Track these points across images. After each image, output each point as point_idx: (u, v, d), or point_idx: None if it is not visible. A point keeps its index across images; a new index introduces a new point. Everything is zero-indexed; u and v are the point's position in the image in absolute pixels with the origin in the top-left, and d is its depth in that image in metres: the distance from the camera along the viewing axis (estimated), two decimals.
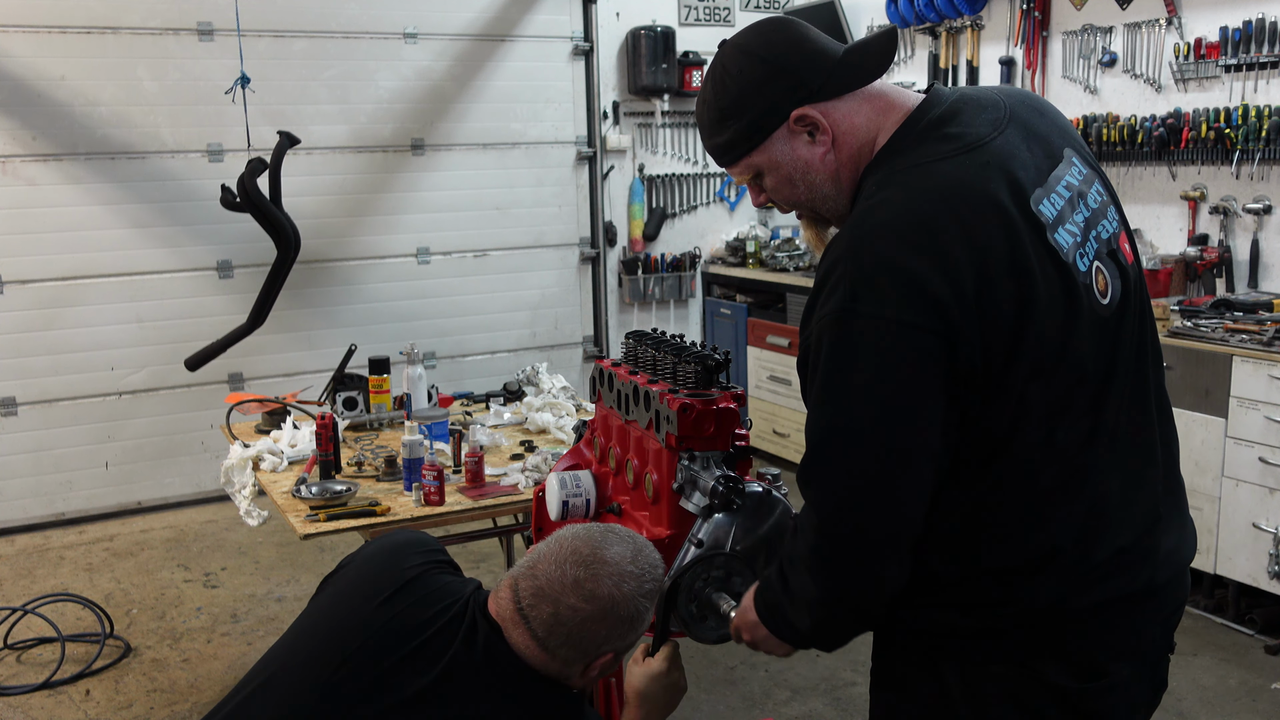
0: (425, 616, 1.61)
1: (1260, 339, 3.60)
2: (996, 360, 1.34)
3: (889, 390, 1.32)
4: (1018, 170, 1.39)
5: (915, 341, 1.30)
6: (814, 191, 1.51)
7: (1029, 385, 1.36)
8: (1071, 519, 1.41)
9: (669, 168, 6.21)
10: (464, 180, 5.66)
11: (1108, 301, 1.43)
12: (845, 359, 1.34)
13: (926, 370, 1.31)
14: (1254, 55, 4.09)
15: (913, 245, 1.32)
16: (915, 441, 1.34)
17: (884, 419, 1.33)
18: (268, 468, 3.06)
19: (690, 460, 1.78)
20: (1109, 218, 1.50)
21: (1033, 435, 1.38)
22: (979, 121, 1.43)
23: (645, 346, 2.01)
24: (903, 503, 1.35)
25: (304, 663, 1.63)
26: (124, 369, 5.07)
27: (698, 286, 6.32)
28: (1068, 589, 1.40)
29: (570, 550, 1.62)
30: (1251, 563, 3.63)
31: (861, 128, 1.47)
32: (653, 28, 5.87)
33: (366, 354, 3.64)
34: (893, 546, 1.37)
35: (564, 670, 1.62)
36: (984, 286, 1.31)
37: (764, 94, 1.47)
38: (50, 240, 4.87)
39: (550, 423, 3.34)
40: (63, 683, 3.49)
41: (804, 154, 1.48)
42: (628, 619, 1.62)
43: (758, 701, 3.34)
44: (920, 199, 1.35)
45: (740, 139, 1.51)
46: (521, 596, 1.60)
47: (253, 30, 5.03)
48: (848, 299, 1.33)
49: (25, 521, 4.98)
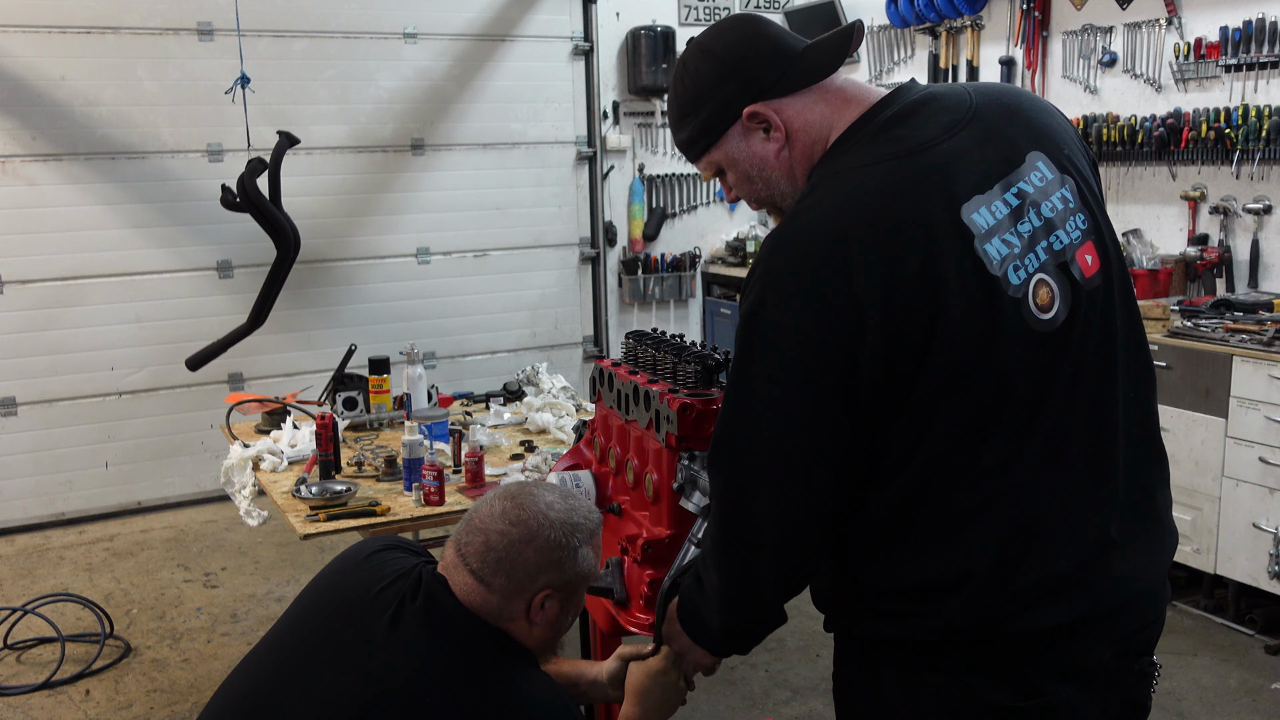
0: (374, 578, 1.66)
1: (1260, 339, 3.60)
2: (902, 374, 1.32)
3: (783, 394, 1.34)
4: (957, 176, 1.36)
5: (812, 350, 1.32)
6: (771, 188, 1.53)
7: (940, 401, 1.33)
8: (990, 541, 1.36)
9: (669, 168, 6.21)
10: (464, 180, 5.66)
11: (1049, 317, 1.37)
12: (747, 359, 1.38)
13: (822, 379, 1.32)
14: (1254, 55, 4.09)
15: (821, 255, 1.32)
16: (806, 447, 1.35)
17: (776, 422, 1.35)
18: (268, 468, 3.06)
19: (690, 460, 1.78)
20: (1068, 227, 1.42)
21: (946, 452, 1.35)
22: (932, 124, 1.41)
23: (645, 346, 2.01)
24: (793, 504, 1.37)
25: (270, 643, 1.69)
26: (124, 369, 5.07)
27: (698, 286, 6.32)
28: (991, 613, 1.37)
29: (501, 491, 1.68)
30: (1251, 563, 3.62)
31: (815, 124, 1.47)
32: (653, 28, 5.87)
33: (366, 354, 3.64)
34: (785, 544, 1.40)
35: (505, 607, 1.61)
36: (890, 300, 1.30)
37: (717, 91, 1.48)
38: (50, 240, 4.87)
39: (550, 423, 3.34)
40: (63, 683, 3.49)
41: (759, 150, 1.50)
42: (557, 545, 1.62)
43: (758, 701, 3.34)
44: (840, 206, 1.35)
45: (699, 135, 1.52)
46: (458, 539, 1.64)
47: (253, 30, 5.03)
48: (756, 301, 1.36)
49: (25, 521, 4.98)
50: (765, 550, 1.41)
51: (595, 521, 1.69)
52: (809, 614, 4.16)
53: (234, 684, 1.67)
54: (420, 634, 1.57)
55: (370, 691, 1.52)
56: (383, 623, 1.58)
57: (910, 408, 1.34)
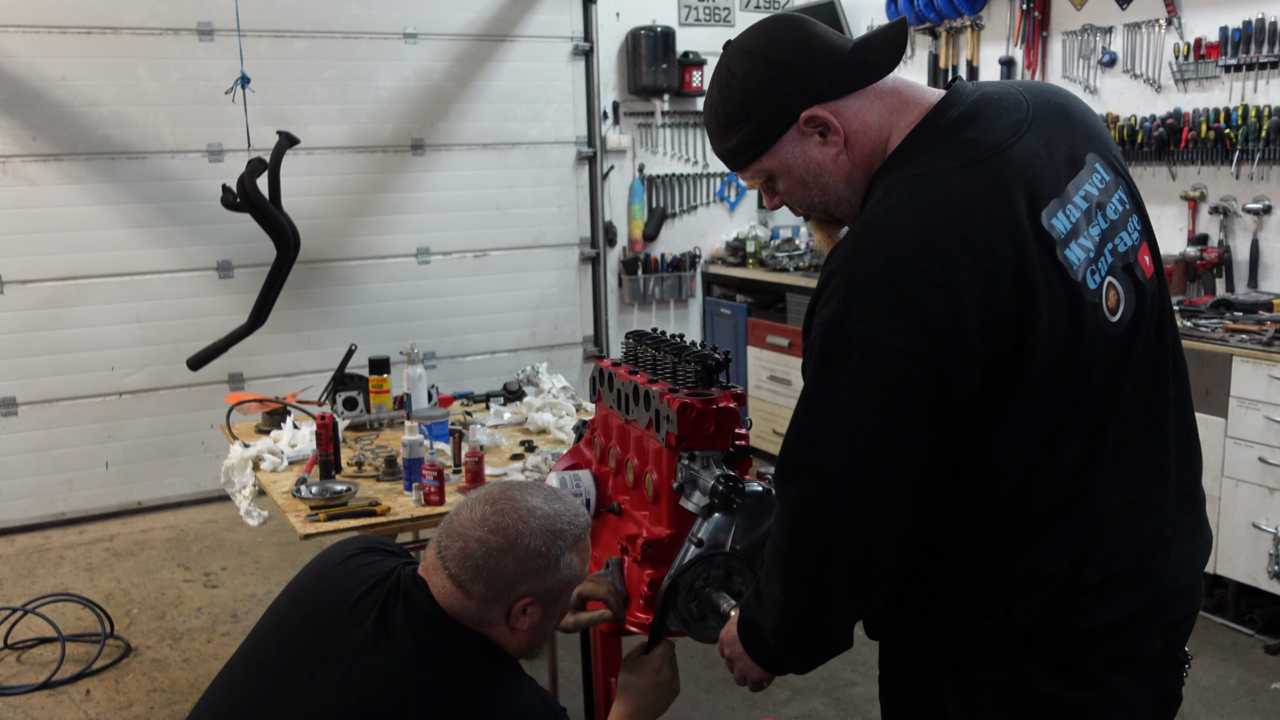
0: (353, 583, 1.63)
1: (1260, 339, 3.60)
2: (995, 384, 1.30)
3: (868, 413, 1.29)
4: (1034, 181, 1.33)
5: (903, 367, 1.26)
6: (827, 194, 1.46)
7: (1029, 409, 1.32)
8: (1066, 542, 1.37)
9: (669, 168, 6.21)
10: (464, 180, 5.66)
11: (1117, 319, 1.38)
12: (829, 372, 1.31)
13: (911, 398, 1.27)
14: (1254, 55, 4.10)
15: (913, 264, 1.27)
16: (888, 467, 1.30)
17: (858, 437, 1.30)
18: (268, 468, 3.05)
19: (690, 460, 1.78)
20: (1129, 229, 1.43)
21: (1031, 457, 1.34)
22: (998, 126, 1.37)
23: (645, 346, 2.01)
24: (871, 522, 1.32)
25: (249, 652, 1.67)
26: (124, 369, 5.07)
27: (698, 286, 6.32)
28: (1058, 611, 1.37)
29: (484, 494, 1.64)
30: (1251, 563, 3.63)
31: (874, 126, 1.42)
32: (653, 28, 5.87)
33: (366, 354, 3.64)
34: (860, 564, 1.34)
35: (484, 613, 1.58)
36: (987, 309, 1.27)
37: (771, 96, 1.41)
38: (50, 240, 4.87)
39: (550, 423, 3.34)
40: (63, 683, 3.49)
41: (816, 156, 1.43)
42: (537, 555, 1.58)
43: (758, 702, 3.34)
44: (926, 213, 1.30)
45: (749, 143, 1.45)
46: (439, 541, 1.61)
47: (253, 30, 5.03)
48: (840, 312, 1.29)
49: (25, 521, 4.98)
50: (838, 569, 1.35)
51: (581, 526, 1.65)
52: None
53: (216, 696, 1.64)
54: (401, 642, 1.54)
55: (350, 703, 1.49)
56: (363, 631, 1.55)
57: (1000, 418, 1.32)
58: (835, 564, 1.34)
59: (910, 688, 1.50)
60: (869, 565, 1.34)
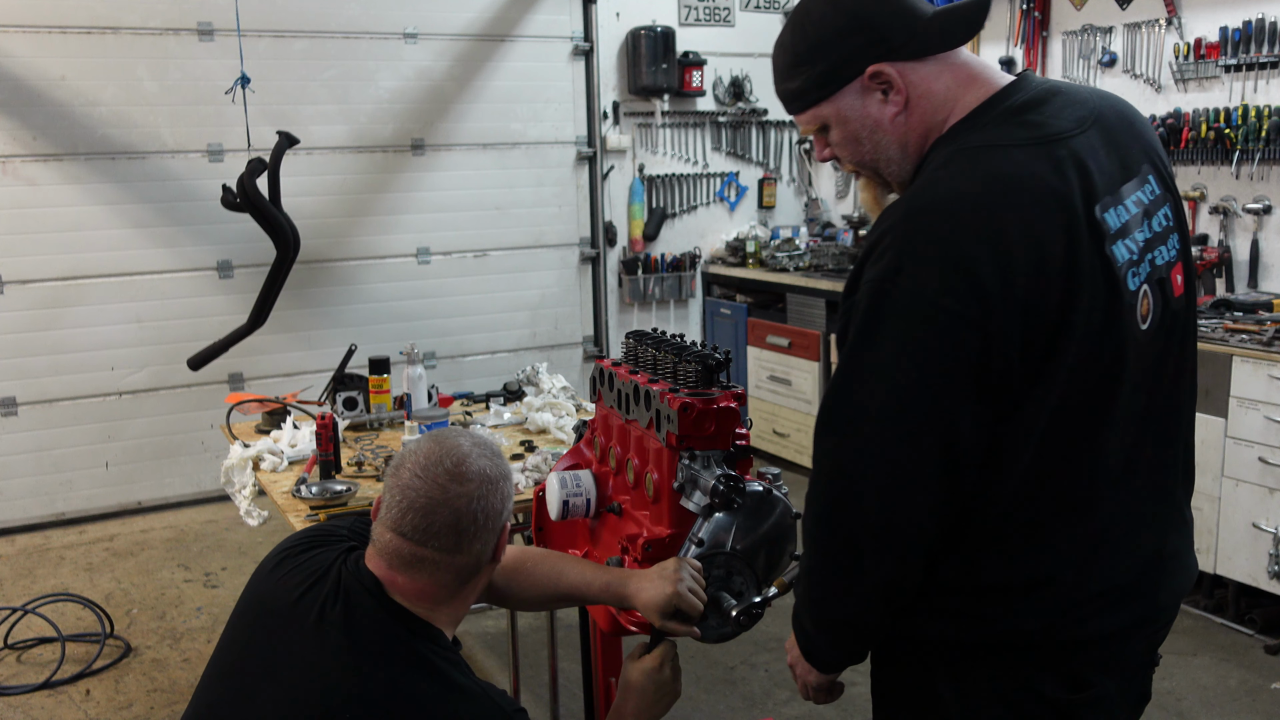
0: (292, 583, 1.57)
1: (1260, 339, 3.60)
2: (1032, 359, 1.29)
3: (912, 367, 1.28)
4: (1091, 173, 1.34)
5: (950, 327, 1.26)
6: (879, 152, 1.45)
7: (1057, 396, 1.32)
8: (1074, 547, 1.37)
9: (669, 168, 6.21)
10: (464, 180, 5.66)
11: (1145, 328, 1.38)
12: (873, 327, 1.31)
13: (956, 359, 1.27)
14: (1254, 55, 4.10)
15: (969, 227, 1.27)
16: (928, 426, 1.29)
17: (900, 395, 1.29)
18: (268, 468, 3.05)
19: (691, 459, 1.78)
20: (1169, 244, 1.44)
21: (1054, 451, 1.34)
22: (1064, 116, 1.37)
23: (645, 346, 2.01)
24: (904, 486, 1.31)
25: (213, 659, 1.63)
26: (124, 369, 5.07)
27: (698, 286, 6.32)
28: (1060, 615, 1.38)
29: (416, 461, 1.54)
30: (1251, 563, 3.63)
31: (939, 95, 1.41)
32: (653, 28, 5.87)
33: (366, 354, 3.64)
34: (889, 526, 1.33)
35: (472, 568, 1.54)
36: (1034, 284, 1.27)
37: (842, 44, 1.41)
38: (50, 240, 4.87)
39: (550, 423, 3.34)
40: (63, 683, 3.49)
41: (874, 112, 1.43)
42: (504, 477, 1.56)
43: (758, 701, 3.34)
44: (986, 181, 1.30)
45: (812, 87, 1.44)
46: (401, 531, 1.52)
47: (253, 30, 5.03)
48: (890, 269, 1.29)
49: (25, 521, 4.98)
50: (870, 528, 1.33)
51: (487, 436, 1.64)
52: None
53: (191, 705, 1.61)
54: (340, 644, 1.48)
55: (295, 711, 1.45)
56: (302, 636, 1.50)
57: (1025, 405, 1.32)
58: (867, 523, 1.33)
59: (905, 688, 1.50)
60: (901, 527, 1.33)
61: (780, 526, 1.80)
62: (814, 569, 1.42)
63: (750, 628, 1.78)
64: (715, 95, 6.24)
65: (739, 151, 6.38)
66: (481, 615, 3.94)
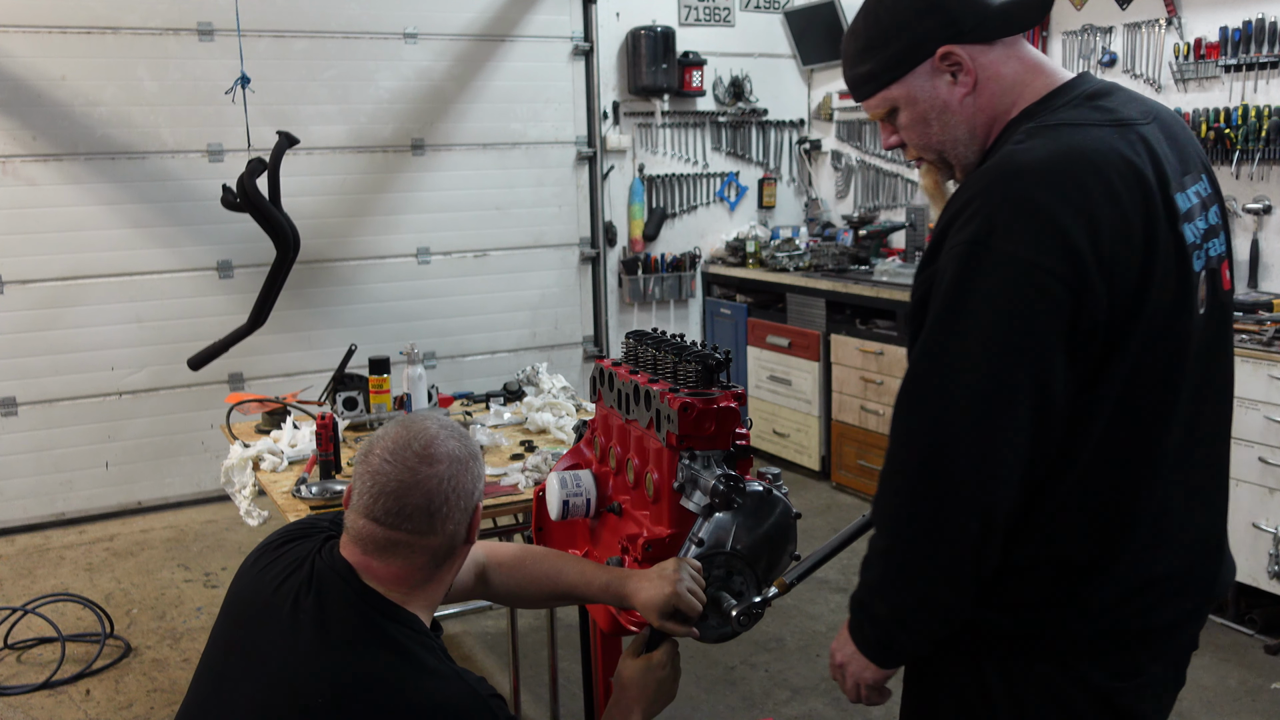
0: (270, 576, 1.57)
1: (1260, 339, 3.60)
2: (1114, 327, 1.31)
3: (1005, 332, 1.28)
4: (1162, 158, 1.38)
5: (1043, 287, 1.27)
6: (946, 134, 1.48)
7: (1134, 367, 1.34)
8: (1136, 530, 1.38)
9: (669, 168, 6.21)
10: (464, 180, 5.66)
11: (1202, 313, 1.42)
12: (966, 291, 1.31)
13: (1049, 319, 1.28)
14: (1254, 55, 4.10)
15: (1059, 190, 1.29)
16: (1022, 391, 1.28)
17: (992, 358, 1.29)
18: (268, 468, 3.05)
19: (691, 459, 1.78)
20: (1219, 239, 1.49)
21: (1122, 428, 1.35)
22: (1130, 106, 1.43)
23: (645, 346, 2.01)
24: (995, 456, 1.29)
25: (200, 665, 1.62)
26: (124, 369, 5.07)
27: (698, 286, 6.32)
28: (1120, 607, 1.39)
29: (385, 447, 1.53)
30: (1251, 563, 3.63)
31: (1007, 79, 1.45)
32: (653, 28, 5.87)
33: (366, 354, 3.64)
34: (978, 499, 1.31)
35: (447, 550, 1.53)
36: (1117, 254, 1.29)
37: (914, 26, 1.45)
38: (50, 240, 4.87)
39: (550, 423, 3.34)
40: (63, 683, 3.49)
41: (944, 94, 1.46)
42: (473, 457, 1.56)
43: (758, 701, 3.34)
44: (1069, 152, 1.33)
45: (882, 70, 1.48)
46: (374, 515, 1.51)
47: (253, 30, 5.03)
48: (982, 232, 1.30)
49: (25, 521, 4.98)
50: (958, 501, 1.31)
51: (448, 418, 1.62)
52: (809, 614, 4.17)
53: (183, 708, 1.62)
54: (312, 633, 1.48)
55: (272, 704, 1.45)
56: (280, 625, 1.50)
57: (1105, 372, 1.33)
58: (955, 491, 1.32)
59: (950, 678, 1.49)
60: (990, 493, 1.31)
61: (780, 526, 1.80)
62: (892, 547, 1.39)
63: (750, 628, 1.78)
64: (715, 95, 6.24)
65: (739, 151, 6.38)
66: (481, 615, 3.93)
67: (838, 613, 3.89)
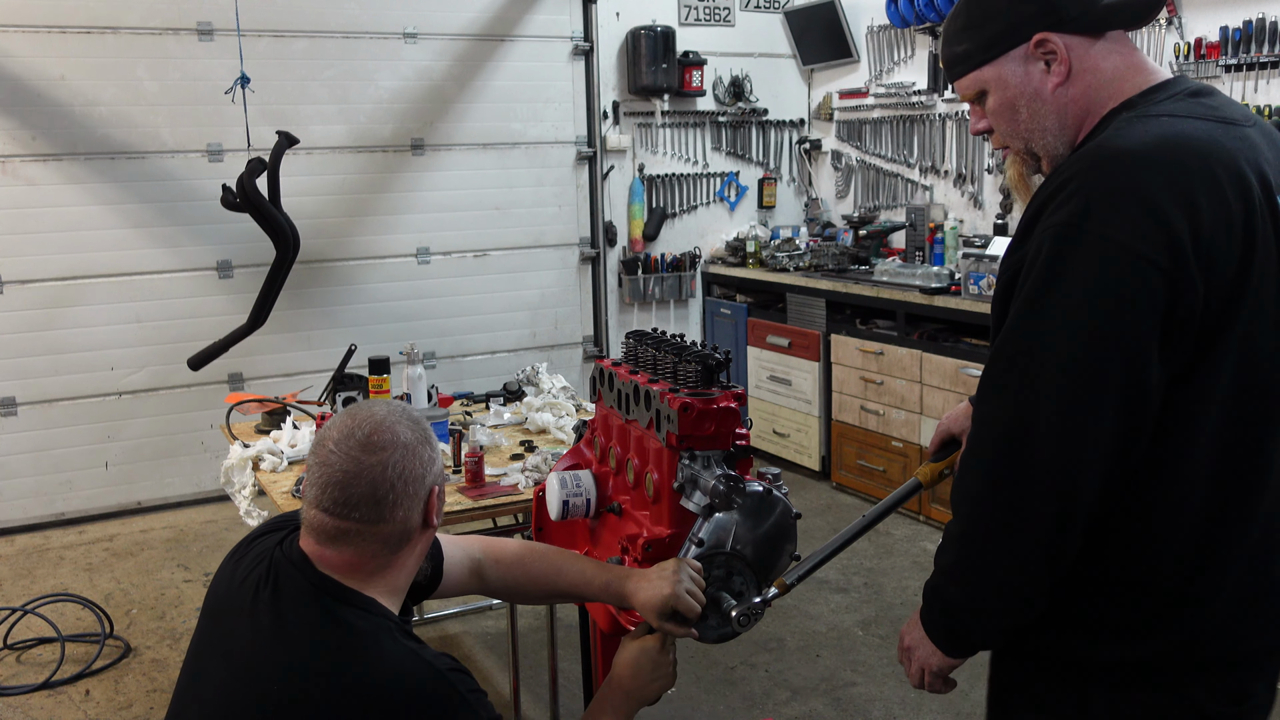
0: (239, 571, 1.59)
1: None
2: (1210, 319, 1.28)
3: (1097, 316, 1.26)
4: (1263, 161, 1.36)
5: (1139, 273, 1.24)
6: (1035, 123, 1.46)
7: (1237, 366, 1.30)
8: (1247, 541, 1.34)
9: (669, 168, 6.21)
10: (464, 180, 5.66)
11: None
12: (1060, 273, 1.28)
13: (1144, 306, 1.25)
14: (1254, 55, 4.10)
15: (1160, 176, 1.27)
16: (1111, 377, 1.26)
17: (1082, 346, 1.26)
18: (268, 468, 3.05)
19: (691, 459, 1.78)
20: None
21: (1230, 431, 1.32)
22: (1232, 108, 1.41)
23: (645, 346, 2.01)
24: (1081, 442, 1.27)
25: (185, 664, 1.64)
26: (124, 369, 5.07)
27: (698, 286, 6.32)
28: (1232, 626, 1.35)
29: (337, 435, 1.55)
30: None
31: (1105, 73, 1.43)
32: (653, 28, 5.87)
33: (366, 354, 3.64)
34: (1061, 485, 1.28)
35: (402, 534, 1.53)
36: (1217, 239, 1.26)
37: (1014, 10, 1.43)
38: (50, 240, 4.87)
39: (550, 423, 3.34)
40: (63, 683, 3.49)
41: (1035, 81, 1.44)
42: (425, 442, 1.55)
43: (758, 701, 3.34)
44: (1172, 140, 1.31)
45: (976, 50, 1.46)
46: (322, 506, 1.52)
47: (253, 30, 5.03)
48: (1079, 214, 1.28)
49: (25, 521, 4.98)
50: (1040, 488, 1.29)
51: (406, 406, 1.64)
52: (809, 614, 4.16)
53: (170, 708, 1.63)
54: (268, 622, 1.49)
55: (226, 692, 1.47)
56: (243, 617, 1.52)
57: (1204, 367, 1.30)
58: (1037, 476, 1.29)
59: (1051, 703, 1.44)
60: (1073, 478, 1.28)
61: (780, 526, 1.79)
62: (968, 532, 1.37)
63: (750, 628, 1.78)
64: (715, 95, 6.24)
65: (739, 151, 6.38)
66: (481, 615, 3.93)
67: (838, 613, 3.90)
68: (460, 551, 1.87)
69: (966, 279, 4.56)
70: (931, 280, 4.75)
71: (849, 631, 3.76)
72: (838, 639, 3.71)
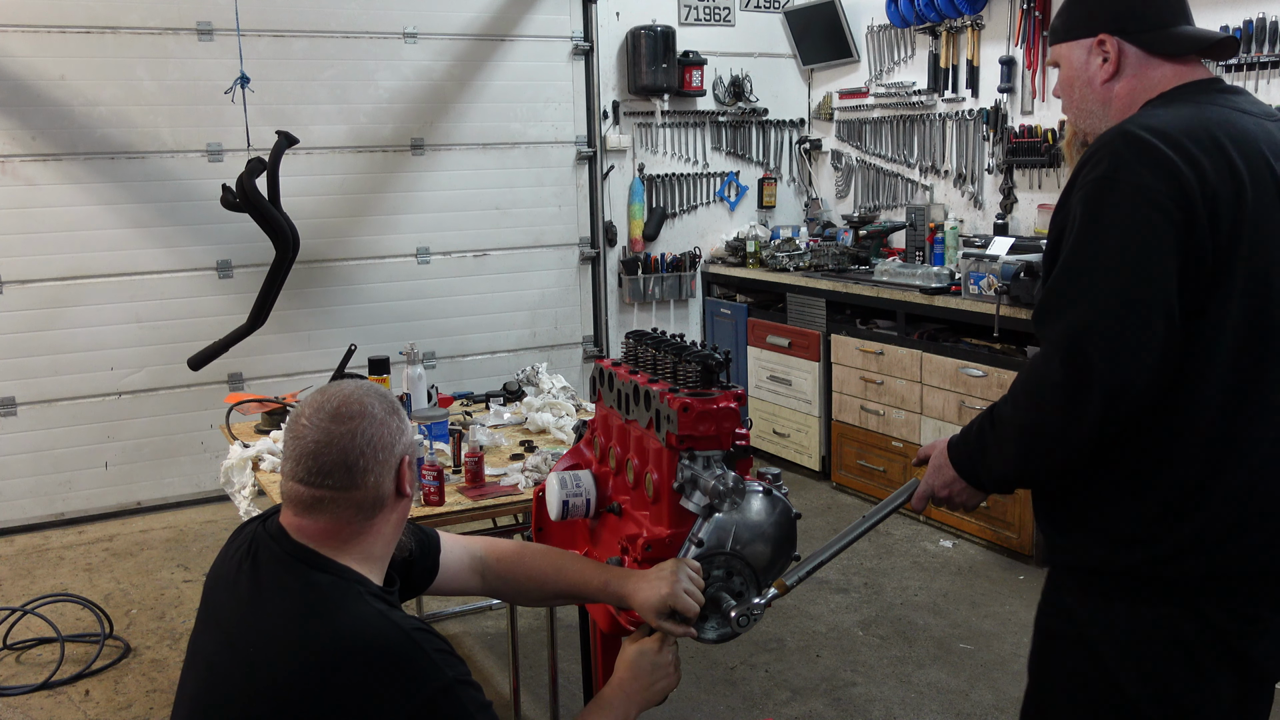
0: (229, 556, 1.66)
1: None
2: (1221, 253, 1.51)
3: (1136, 247, 1.49)
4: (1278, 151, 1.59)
5: (1161, 207, 1.49)
6: (1082, 104, 1.75)
7: (1249, 291, 1.52)
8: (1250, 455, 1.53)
9: (669, 168, 6.21)
10: (464, 180, 5.66)
11: None
12: (1099, 218, 1.53)
13: (1166, 234, 1.49)
14: (1254, 55, 4.09)
15: (1171, 145, 1.52)
16: (1151, 293, 1.48)
17: (1126, 271, 1.49)
18: (267, 468, 3.05)
19: (691, 459, 1.78)
20: None
21: (1243, 360, 1.53)
22: (1258, 105, 1.67)
23: (645, 346, 2.00)
24: (1131, 344, 1.48)
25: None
26: (124, 369, 5.07)
27: (698, 286, 6.32)
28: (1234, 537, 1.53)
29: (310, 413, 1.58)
30: None
31: (1151, 79, 1.68)
32: (653, 28, 5.87)
33: (366, 354, 3.64)
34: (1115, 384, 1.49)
35: (374, 501, 1.57)
36: (1221, 187, 1.51)
37: (1098, 7, 1.70)
38: (50, 240, 4.87)
39: (550, 423, 3.34)
40: (62, 683, 3.49)
41: (1091, 70, 1.72)
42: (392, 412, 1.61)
43: (758, 701, 3.34)
44: (1191, 116, 1.57)
45: (1062, 28, 1.76)
46: (298, 477, 1.57)
47: (253, 30, 5.03)
48: (1110, 169, 1.53)
49: (25, 521, 4.98)
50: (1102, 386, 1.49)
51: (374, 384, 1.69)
52: (809, 614, 4.16)
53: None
54: (246, 592, 1.56)
55: (222, 665, 1.52)
56: (227, 593, 1.60)
57: (1213, 304, 1.52)
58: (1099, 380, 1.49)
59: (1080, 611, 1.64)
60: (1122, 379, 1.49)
61: (780, 526, 1.79)
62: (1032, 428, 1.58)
63: (750, 629, 1.78)
64: (715, 95, 6.24)
65: (739, 151, 6.38)
66: (481, 615, 3.93)
67: (838, 613, 3.89)
68: (460, 548, 1.88)
69: (967, 279, 4.55)
70: (931, 280, 4.75)
71: (849, 632, 3.76)
72: (838, 639, 3.71)
